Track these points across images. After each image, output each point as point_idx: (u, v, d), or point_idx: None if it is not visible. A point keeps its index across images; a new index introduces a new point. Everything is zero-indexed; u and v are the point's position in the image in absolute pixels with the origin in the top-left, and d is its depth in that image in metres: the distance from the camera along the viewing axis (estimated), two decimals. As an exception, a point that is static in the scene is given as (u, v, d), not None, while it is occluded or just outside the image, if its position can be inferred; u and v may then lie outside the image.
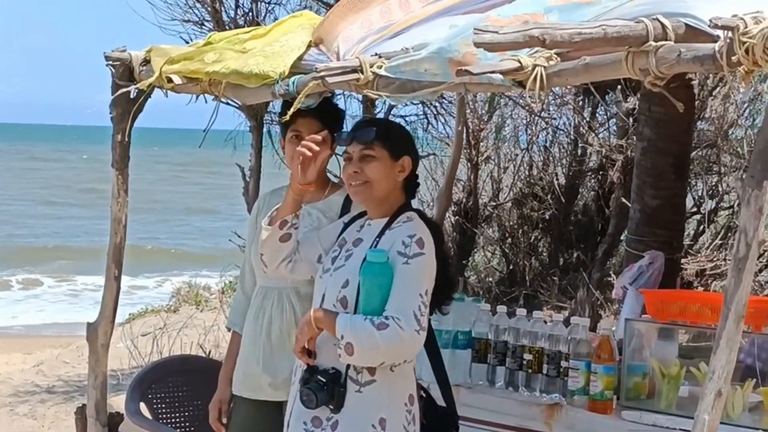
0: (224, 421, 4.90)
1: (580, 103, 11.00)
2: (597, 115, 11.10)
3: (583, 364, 4.74)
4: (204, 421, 5.62)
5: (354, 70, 3.99)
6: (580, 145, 11.14)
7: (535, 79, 3.28)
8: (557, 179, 11.40)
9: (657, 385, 4.72)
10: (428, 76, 3.72)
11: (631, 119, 9.11)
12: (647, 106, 6.82)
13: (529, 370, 4.99)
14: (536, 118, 11.50)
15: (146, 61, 5.27)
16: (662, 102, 6.73)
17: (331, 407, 3.91)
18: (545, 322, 5.06)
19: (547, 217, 11.34)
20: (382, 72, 3.93)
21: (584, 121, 10.81)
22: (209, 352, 10.23)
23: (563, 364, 4.86)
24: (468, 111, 10.77)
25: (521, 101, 11.30)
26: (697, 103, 8.19)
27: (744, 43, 2.86)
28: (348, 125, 4.72)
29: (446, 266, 4.07)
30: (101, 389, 5.52)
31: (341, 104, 5.60)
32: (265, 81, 4.46)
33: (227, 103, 10.01)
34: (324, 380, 3.91)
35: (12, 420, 9.56)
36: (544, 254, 11.47)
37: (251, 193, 10.35)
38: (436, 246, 3.97)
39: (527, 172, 11.68)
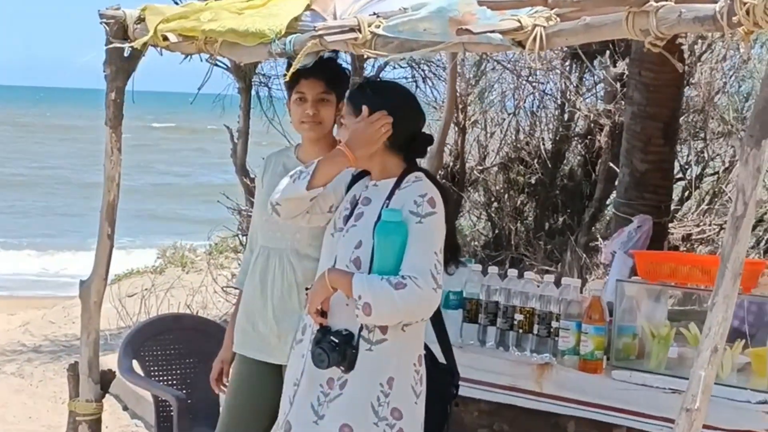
0: (225, 381, 4.91)
1: (568, 68, 11.01)
2: (584, 80, 11.11)
3: (573, 325, 4.79)
4: (196, 378, 5.71)
5: (352, 29, 4.01)
6: (567, 109, 11.16)
7: (534, 38, 3.30)
8: (543, 144, 11.42)
9: (646, 345, 4.78)
10: (427, 36, 3.74)
11: (619, 84, 9.12)
12: (637, 70, 6.84)
13: (520, 330, 5.04)
14: (524, 82, 11.50)
15: (140, 20, 5.27)
16: (652, 67, 6.76)
17: (342, 368, 3.95)
18: (536, 284, 5.11)
19: (533, 181, 11.38)
20: (380, 31, 3.95)
21: (572, 86, 10.81)
22: (196, 312, 10.26)
23: (554, 324, 4.91)
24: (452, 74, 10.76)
25: (509, 65, 11.32)
26: (685, 68, 8.21)
27: (745, 3, 2.88)
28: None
29: (452, 228, 4.11)
30: (93, 347, 5.54)
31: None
32: (262, 40, 4.47)
33: (216, 64, 10.14)
34: (336, 341, 3.94)
35: (-1, 379, 9.60)
36: (530, 218, 11.50)
37: (239, 154, 10.37)
38: (444, 207, 4.01)
39: (514, 137, 11.70)
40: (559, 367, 4.79)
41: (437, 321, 4.25)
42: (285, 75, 4.53)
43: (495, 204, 11.54)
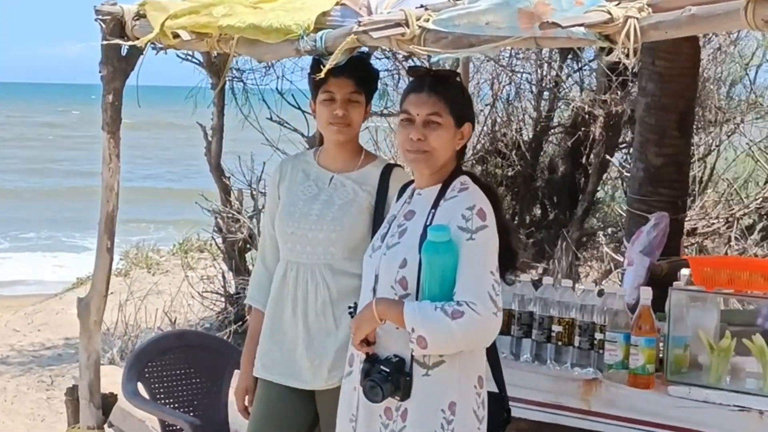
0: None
1: (547, 56, 10.70)
2: (565, 67, 10.81)
3: (621, 337, 4.47)
4: (204, 398, 5.35)
5: (398, 24, 3.64)
6: (546, 99, 10.85)
7: (627, 32, 2.95)
8: (521, 135, 11.10)
9: (701, 358, 4.47)
10: (491, 30, 3.38)
11: (614, 74, 8.82)
12: (650, 60, 6.51)
13: (559, 343, 4.70)
14: (502, 71, 11.16)
15: (139, 16, 4.89)
16: (666, 56, 6.45)
17: (398, 397, 3.60)
18: (576, 292, 4.78)
19: (512, 174, 11.06)
20: (431, 26, 3.59)
21: (555, 75, 10.51)
22: (175, 320, 9.87)
23: (597, 336, 4.58)
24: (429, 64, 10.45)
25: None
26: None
27: None
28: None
29: (507, 233, 3.75)
30: (95, 369, 5.18)
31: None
32: (288, 36, 4.12)
33: (186, 59, 9.73)
34: (387, 370, 3.59)
35: (-29, 395, 9.12)
36: (509, 212, 11.21)
37: (214, 153, 10.00)
38: (495, 212, 3.64)
39: (491, 128, 11.37)
40: (608, 383, 4.46)
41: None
42: (315, 72, 4.17)
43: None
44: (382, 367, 3.61)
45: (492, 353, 3.91)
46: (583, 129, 9.51)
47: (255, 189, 10.04)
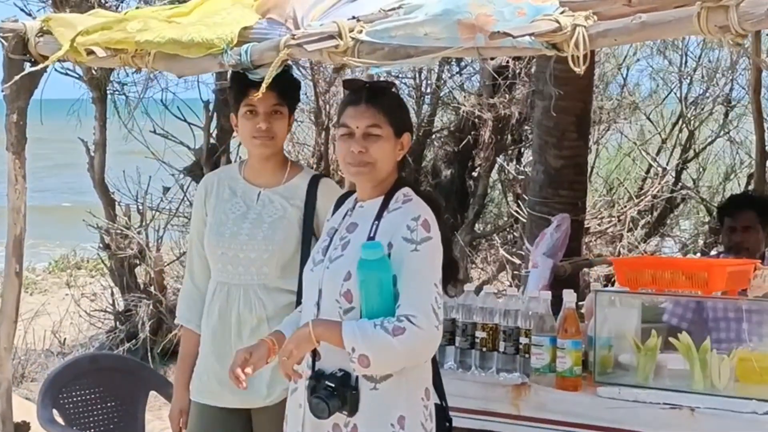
0: None
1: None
2: (445, 72, 10.87)
3: (547, 340, 4.49)
4: (120, 422, 5.25)
5: (331, 36, 3.60)
6: (429, 104, 10.90)
7: (576, 41, 2.97)
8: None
9: (624, 357, 4.53)
10: (429, 41, 3.37)
11: (501, 78, 8.89)
12: (547, 63, 6.59)
13: (483, 349, 4.71)
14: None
15: (42, 32, 4.75)
16: (564, 60, 6.50)
17: (345, 413, 3.54)
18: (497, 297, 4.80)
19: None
20: (364, 37, 3.56)
21: (435, 79, 10.56)
22: (64, 340, 9.64)
23: (522, 340, 4.60)
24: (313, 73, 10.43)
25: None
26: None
27: None
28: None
29: (449, 245, 3.72)
30: (6, 397, 4.98)
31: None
32: (210, 50, 4.04)
33: (66, 73, 9.52)
34: (333, 385, 3.53)
35: None
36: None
37: (97, 168, 9.81)
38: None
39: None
40: (536, 387, 4.48)
41: None
42: (238, 87, 4.11)
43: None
44: (327, 382, 3.55)
45: (432, 364, 3.89)
46: (473, 133, 9.56)
47: (142, 204, 9.87)
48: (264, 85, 3.77)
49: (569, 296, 4.57)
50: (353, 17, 3.63)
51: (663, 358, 4.49)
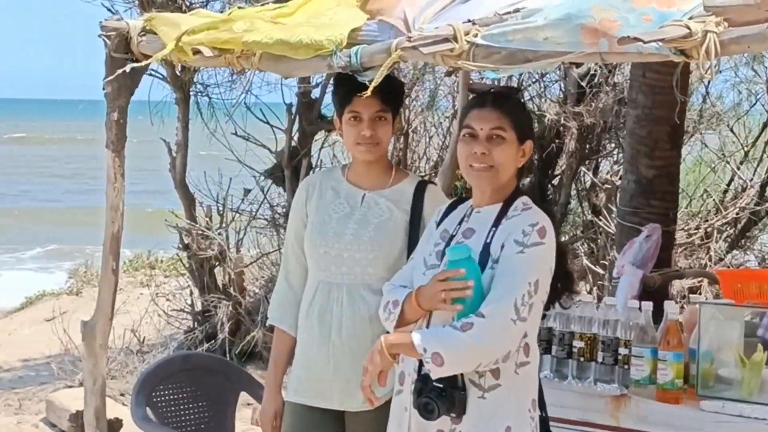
0: None
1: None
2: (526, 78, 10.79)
3: (648, 351, 4.43)
4: (211, 422, 5.25)
5: (446, 39, 3.56)
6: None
7: (707, 47, 2.90)
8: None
9: (726, 370, 4.44)
10: (549, 45, 3.32)
11: (587, 85, 8.82)
12: (641, 72, 6.52)
13: (581, 359, 4.65)
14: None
15: (145, 31, 4.76)
16: (657, 67, 6.45)
17: (453, 415, 3.50)
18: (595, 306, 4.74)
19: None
20: (480, 41, 3.52)
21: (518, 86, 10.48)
22: (143, 339, 9.70)
23: (621, 351, 4.54)
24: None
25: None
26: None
27: None
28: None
29: (564, 257, 3.68)
30: (101, 394, 5.00)
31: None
32: (319, 52, 4.00)
33: (150, 74, 9.57)
34: (441, 386, 3.49)
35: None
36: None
37: (178, 169, 9.85)
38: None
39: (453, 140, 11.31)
40: (636, 399, 4.42)
41: None
42: (342, 91, 4.10)
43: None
44: (435, 383, 3.52)
45: None
46: (556, 141, 9.49)
47: (222, 205, 9.91)
48: (373, 85, 3.73)
49: (672, 308, 4.52)
50: (469, 20, 3.59)
51: (766, 374, 4.42)
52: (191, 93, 9.77)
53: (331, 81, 4.42)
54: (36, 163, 45.31)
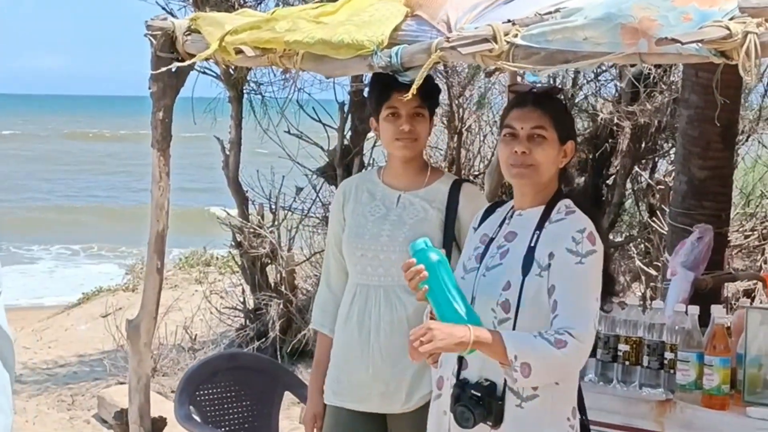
0: None
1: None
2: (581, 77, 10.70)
3: (694, 356, 4.36)
4: (255, 421, 5.25)
5: (485, 40, 3.52)
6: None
7: (747, 48, 2.84)
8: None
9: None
10: (588, 45, 3.28)
11: (642, 85, 8.71)
12: (693, 71, 6.41)
13: (626, 363, 4.59)
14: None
15: (191, 30, 4.77)
16: (711, 67, 6.34)
17: (490, 423, 3.46)
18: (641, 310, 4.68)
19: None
20: (519, 41, 3.48)
21: (571, 85, 10.39)
22: (195, 336, 9.73)
23: (667, 355, 4.48)
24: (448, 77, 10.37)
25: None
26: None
27: None
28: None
29: (607, 259, 3.63)
30: (145, 392, 5.04)
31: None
32: (360, 52, 3.99)
33: (203, 72, 9.60)
34: (479, 394, 3.46)
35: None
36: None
37: (232, 167, 9.87)
38: None
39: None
40: (682, 404, 4.35)
41: None
42: (380, 89, 4.08)
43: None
44: (473, 391, 3.48)
45: None
46: (610, 140, 9.39)
47: (275, 203, 9.92)
48: (415, 86, 3.71)
49: (719, 312, 4.45)
50: (508, 20, 3.55)
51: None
52: (244, 91, 9.78)
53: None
54: (97, 160, 45.74)
